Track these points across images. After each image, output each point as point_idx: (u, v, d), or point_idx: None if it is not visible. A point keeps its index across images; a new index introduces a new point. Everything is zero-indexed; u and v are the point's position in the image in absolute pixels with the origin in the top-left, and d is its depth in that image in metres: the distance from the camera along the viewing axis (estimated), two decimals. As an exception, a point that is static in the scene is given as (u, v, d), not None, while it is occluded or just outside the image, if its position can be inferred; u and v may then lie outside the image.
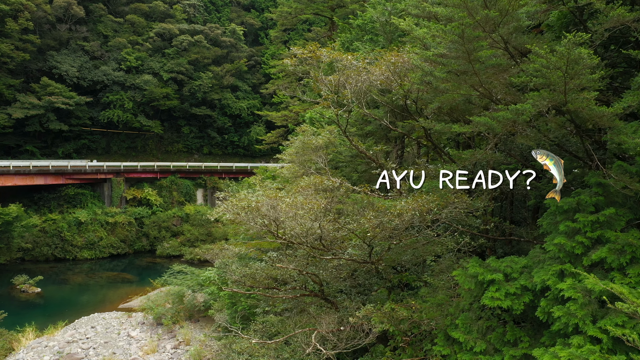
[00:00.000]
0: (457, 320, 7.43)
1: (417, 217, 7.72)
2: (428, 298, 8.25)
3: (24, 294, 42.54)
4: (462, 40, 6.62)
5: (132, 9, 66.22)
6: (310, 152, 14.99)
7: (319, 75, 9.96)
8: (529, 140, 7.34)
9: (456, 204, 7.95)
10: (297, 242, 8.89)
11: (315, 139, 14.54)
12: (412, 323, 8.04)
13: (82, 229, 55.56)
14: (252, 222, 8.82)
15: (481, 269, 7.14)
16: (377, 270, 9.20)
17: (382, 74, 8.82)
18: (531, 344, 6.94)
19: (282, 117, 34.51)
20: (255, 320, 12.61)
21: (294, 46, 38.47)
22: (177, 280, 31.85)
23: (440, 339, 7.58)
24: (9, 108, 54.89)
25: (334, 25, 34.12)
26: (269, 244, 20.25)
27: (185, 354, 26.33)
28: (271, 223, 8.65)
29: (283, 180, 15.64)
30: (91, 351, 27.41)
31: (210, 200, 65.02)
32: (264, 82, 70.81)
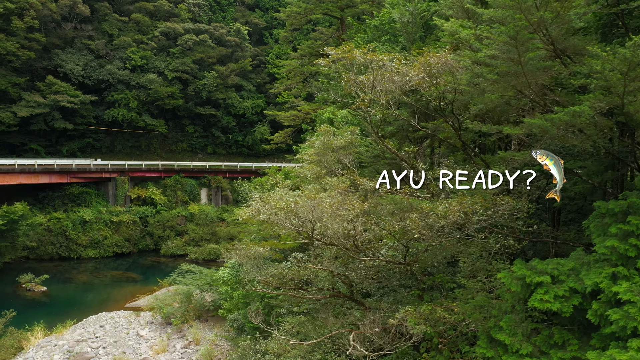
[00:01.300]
0: (501, 322, 7.40)
1: (461, 219, 7.70)
2: (469, 300, 8.23)
3: (29, 292, 42.50)
4: (514, 41, 6.60)
5: (137, 8, 66.16)
6: (331, 153, 14.96)
7: (349, 75, 9.92)
8: (575, 141, 7.32)
9: (501, 205, 7.92)
10: (330, 242, 8.85)
11: (336, 139, 14.51)
12: (449, 325, 8.02)
13: (87, 227, 55.50)
14: (287, 222, 8.80)
15: (528, 271, 7.11)
16: (411, 271, 9.17)
17: (418, 75, 8.79)
18: (580, 347, 6.92)
19: (290, 117, 34.49)
20: (278, 321, 12.58)
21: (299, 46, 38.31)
22: (186, 280, 31.80)
23: (483, 341, 7.55)
24: (14, 106, 54.83)
25: (344, 25, 34.09)
26: (283, 245, 20.24)
27: (196, 354, 26.30)
28: (305, 223, 8.62)
29: (303, 180, 15.60)
30: (101, 350, 27.38)
31: (214, 199, 65.00)
32: (268, 82, 70.77)
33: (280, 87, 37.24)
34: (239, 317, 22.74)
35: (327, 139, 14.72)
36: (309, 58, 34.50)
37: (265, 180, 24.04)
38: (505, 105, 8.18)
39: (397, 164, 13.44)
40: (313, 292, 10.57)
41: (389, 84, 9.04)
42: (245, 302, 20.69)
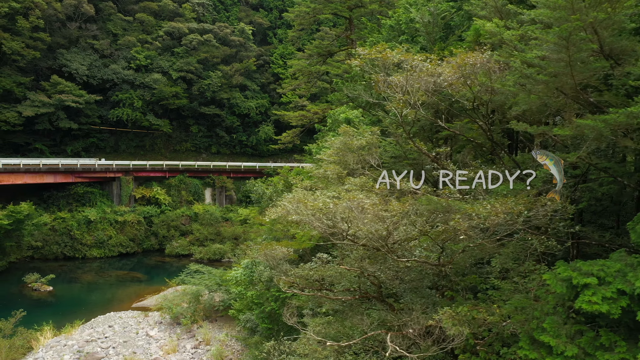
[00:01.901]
0: (544, 323, 7.36)
1: (504, 220, 7.66)
2: (507, 301, 8.19)
3: (35, 292, 42.46)
4: (565, 42, 6.57)
5: (141, 8, 66.11)
6: (351, 153, 14.93)
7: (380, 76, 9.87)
8: (628, 142, 7.28)
9: (542, 206, 7.89)
10: (362, 243, 8.81)
11: (357, 139, 14.48)
12: (486, 326, 7.97)
13: (92, 227, 55.48)
14: (319, 222, 8.76)
15: (574, 272, 7.07)
16: (445, 273, 9.14)
17: (453, 75, 8.75)
18: (628, 349, 6.89)
19: (298, 117, 34.43)
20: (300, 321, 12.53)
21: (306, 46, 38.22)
22: (195, 280, 31.75)
23: (525, 343, 7.51)
24: (19, 106, 54.79)
25: (352, 25, 34.06)
26: (298, 245, 20.21)
27: (207, 354, 26.27)
28: (337, 224, 8.56)
29: (322, 180, 15.55)
30: (111, 350, 27.33)
31: (218, 199, 64.98)
32: (272, 82, 70.74)
33: (288, 87, 37.18)
34: (252, 317, 22.70)
35: (347, 139, 14.68)
36: (317, 58, 34.49)
37: (278, 180, 23.98)
38: (543, 106, 8.15)
39: (419, 165, 13.42)
40: (339, 292, 10.53)
41: (422, 84, 8.99)
42: (259, 302, 20.65)
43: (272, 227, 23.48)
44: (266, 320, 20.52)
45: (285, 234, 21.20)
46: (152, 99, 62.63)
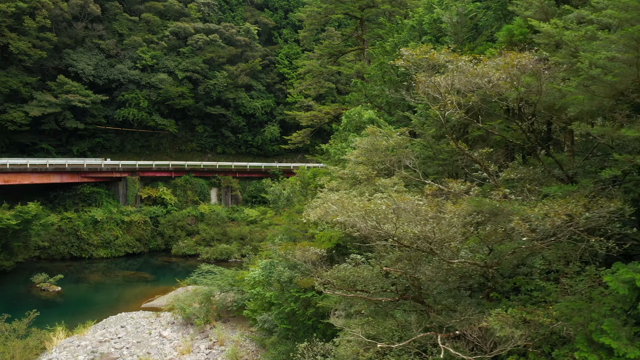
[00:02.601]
0: (603, 325, 7.33)
1: (563, 221, 7.61)
2: (563, 302, 8.15)
3: (44, 292, 42.42)
4: (636, 43, 6.53)
5: (147, 7, 66.04)
6: (379, 153, 14.89)
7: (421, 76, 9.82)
8: None
9: (601, 208, 7.84)
10: (407, 244, 8.77)
11: (385, 140, 14.45)
12: (535, 328, 7.93)
13: (98, 227, 55.45)
14: (363, 223, 8.73)
15: (637, 274, 7.04)
16: (492, 274, 9.10)
17: (501, 76, 8.70)
18: (693, 351, 6.88)
19: (310, 117, 34.37)
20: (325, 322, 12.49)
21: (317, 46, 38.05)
22: (207, 280, 31.69)
23: (582, 345, 7.47)
24: (26, 106, 54.73)
25: (363, 25, 34.02)
26: (318, 245, 20.17)
27: (221, 354, 26.19)
28: (381, 226, 8.53)
29: (347, 180, 15.51)
30: (125, 351, 27.27)
31: (224, 199, 64.93)
32: (278, 82, 70.69)
33: (299, 87, 37.15)
34: (270, 317, 22.65)
35: (374, 140, 14.65)
36: (327, 58, 34.44)
37: (295, 181, 23.94)
38: (598, 107, 8.11)
39: (450, 165, 13.38)
40: (376, 294, 10.48)
41: (470, 85, 8.95)
42: (278, 303, 20.60)
43: (289, 227, 23.46)
44: (285, 320, 20.48)
45: (303, 234, 21.16)
46: (158, 99, 62.58)
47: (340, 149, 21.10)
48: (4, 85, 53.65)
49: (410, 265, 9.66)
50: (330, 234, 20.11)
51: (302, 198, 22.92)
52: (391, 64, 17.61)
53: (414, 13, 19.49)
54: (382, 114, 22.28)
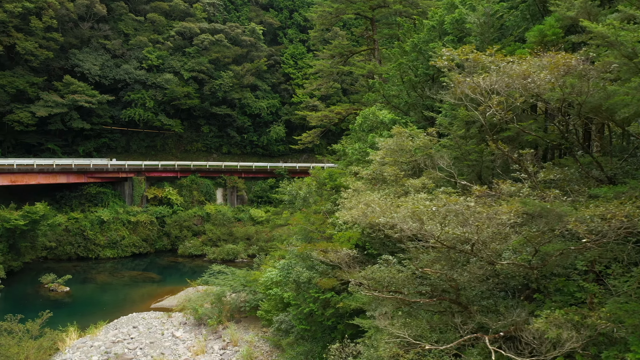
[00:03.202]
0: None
1: (623, 223, 7.58)
2: (615, 304, 8.13)
3: (52, 292, 42.40)
4: None
5: (152, 8, 66.01)
6: (401, 154, 14.87)
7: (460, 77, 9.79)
8: None
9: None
10: (449, 245, 8.76)
11: (413, 140, 14.43)
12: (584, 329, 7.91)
13: (105, 227, 55.42)
14: (406, 225, 8.71)
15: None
16: (536, 276, 9.08)
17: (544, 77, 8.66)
18: None
19: (321, 117, 34.35)
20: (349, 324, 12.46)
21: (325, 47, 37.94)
22: (219, 281, 31.68)
23: (637, 346, 7.46)
24: (33, 106, 54.68)
25: (374, 25, 33.99)
26: (336, 246, 20.14)
27: (235, 355, 26.17)
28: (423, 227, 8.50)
29: (370, 181, 15.49)
30: (138, 351, 27.26)
31: (230, 199, 64.89)
32: (283, 82, 70.65)
33: (309, 87, 37.11)
34: (286, 318, 22.63)
35: (400, 141, 14.64)
36: (338, 58, 34.43)
37: (311, 181, 23.91)
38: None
39: (478, 165, 13.37)
40: (411, 295, 10.47)
41: (509, 86, 8.93)
42: (296, 303, 20.58)
43: (304, 227, 23.43)
44: (303, 321, 20.46)
45: (321, 235, 21.13)
46: (164, 99, 62.55)
47: (357, 149, 21.07)
48: (11, 86, 53.62)
49: (448, 267, 9.64)
50: (349, 235, 20.10)
51: (318, 198, 22.89)
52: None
53: (433, 13, 19.46)
54: (398, 113, 22.27)
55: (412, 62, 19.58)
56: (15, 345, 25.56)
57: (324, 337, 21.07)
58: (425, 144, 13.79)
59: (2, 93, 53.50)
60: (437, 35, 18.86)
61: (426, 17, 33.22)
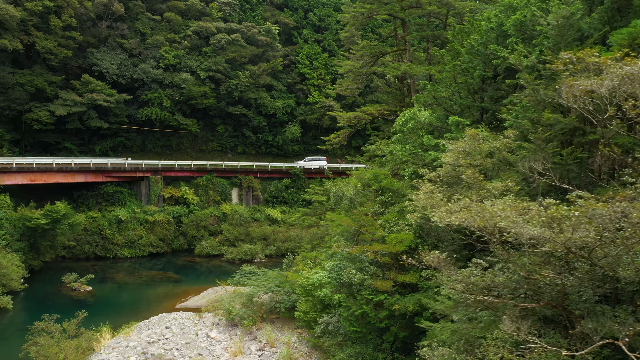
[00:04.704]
0: None
1: None
2: None
3: (75, 292, 42.32)
4: None
5: (168, 7, 65.93)
6: (473, 157, 14.80)
7: (571, 81, 9.71)
8: None
9: None
10: (575, 251, 8.67)
11: (489, 143, 14.38)
12: None
13: (122, 227, 55.37)
14: (525, 228, 8.66)
15: None
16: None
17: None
18: None
19: (353, 117, 34.28)
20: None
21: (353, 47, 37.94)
22: (252, 281, 31.60)
23: None
24: (51, 105, 54.59)
25: (405, 26, 33.93)
26: (391, 248, 20.08)
27: (274, 356, 26.07)
28: (553, 232, 8.41)
29: (442, 183, 15.42)
30: (175, 352, 27.15)
31: (245, 199, 64.82)
32: (298, 82, 70.58)
33: (339, 88, 37.07)
34: (332, 319, 22.56)
35: (475, 143, 14.57)
36: (369, 58, 34.38)
37: (356, 182, 23.83)
38: None
39: (560, 169, 13.29)
40: (507, 299, 10.42)
41: (631, 89, 8.86)
42: (347, 305, 20.51)
43: (347, 228, 23.35)
44: (354, 323, 20.39)
45: (372, 236, 21.06)
46: (180, 99, 62.46)
47: (408, 150, 20.99)
48: (30, 84, 53.54)
49: (555, 271, 9.59)
50: (402, 237, 20.04)
51: (365, 200, 22.82)
52: (464, 66, 17.60)
53: (488, 15, 19.40)
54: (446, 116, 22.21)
55: (467, 63, 19.52)
56: (54, 345, 25.50)
57: (373, 339, 21.02)
58: (505, 145, 13.73)
59: (21, 92, 53.40)
60: (494, 37, 18.79)
61: (462, 19, 33.30)
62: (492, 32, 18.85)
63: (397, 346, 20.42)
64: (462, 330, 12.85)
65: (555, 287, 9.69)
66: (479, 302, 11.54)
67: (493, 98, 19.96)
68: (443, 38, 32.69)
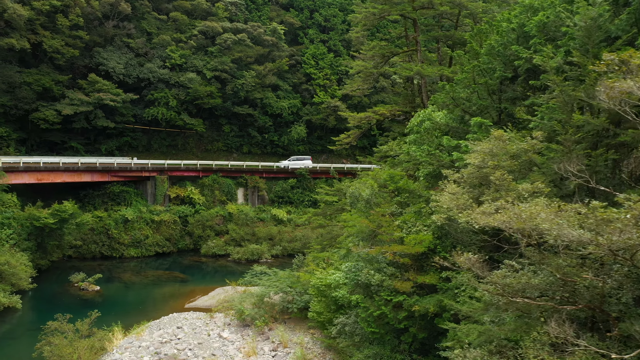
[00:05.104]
0: None
1: None
2: None
3: (83, 291, 42.30)
4: None
5: (174, 7, 65.89)
6: (499, 158, 14.79)
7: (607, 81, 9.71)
8: None
9: None
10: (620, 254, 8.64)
11: (516, 144, 14.36)
12: None
13: (129, 226, 55.34)
14: (567, 230, 8.64)
15: None
16: None
17: None
18: None
19: (364, 118, 34.26)
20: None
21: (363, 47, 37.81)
22: (264, 281, 31.57)
23: None
24: (58, 104, 54.52)
25: (417, 27, 33.90)
26: (408, 249, 20.05)
27: (288, 357, 26.04)
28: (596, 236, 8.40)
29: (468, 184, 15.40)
30: (188, 352, 27.12)
31: (250, 199, 64.78)
32: (304, 82, 70.53)
33: (349, 88, 37.07)
34: (348, 320, 22.53)
35: (502, 144, 14.56)
36: (379, 59, 34.35)
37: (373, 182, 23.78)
38: None
39: (592, 169, 13.28)
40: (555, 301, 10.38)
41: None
42: (365, 305, 20.48)
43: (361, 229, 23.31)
44: (372, 324, 20.37)
45: (390, 237, 21.03)
46: (186, 98, 62.42)
47: (426, 151, 20.96)
48: (37, 84, 53.49)
49: (593, 273, 9.58)
50: (421, 237, 20.02)
51: (381, 200, 22.80)
52: (483, 67, 17.55)
53: (507, 15, 19.38)
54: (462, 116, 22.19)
55: (486, 64, 19.50)
56: (68, 345, 25.48)
57: (391, 340, 20.99)
58: (531, 147, 13.71)
59: (28, 91, 53.36)
60: (515, 38, 18.76)
61: (475, 19, 33.29)
62: (513, 33, 18.81)
63: (415, 347, 20.39)
64: (492, 332, 12.81)
65: (593, 289, 9.68)
66: (510, 304, 11.53)
67: (511, 99, 19.95)
68: (455, 39, 32.69)
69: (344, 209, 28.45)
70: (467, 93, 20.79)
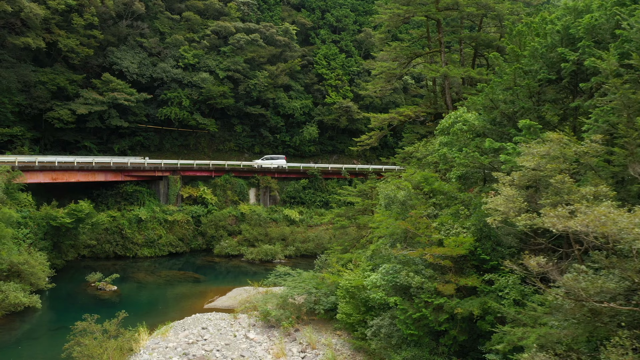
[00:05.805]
0: None
1: None
2: None
3: (100, 291, 42.22)
4: None
5: (187, 6, 65.84)
6: (556, 161, 14.73)
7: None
8: None
9: None
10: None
11: (575, 147, 14.32)
12: None
13: (142, 226, 55.27)
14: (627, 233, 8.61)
15: None
16: None
17: None
18: None
19: (388, 118, 34.18)
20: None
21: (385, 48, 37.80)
22: (289, 282, 31.50)
23: None
24: (72, 104, 54.47)
25: (440, 28, 33.86)
26: (449, 251, 19.99)
27: (317, 358, 25.95)
28: None
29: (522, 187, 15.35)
30: (217, 353, 27.03)
31: (262, 199, 64.71)
32: (316, 82, 70.48)
33: (372, 88, 36.97)
34: (384, 322, 22.46)
35: (558, 147, 14.52)
36: (403, 60, 34.30)
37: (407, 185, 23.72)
38: None
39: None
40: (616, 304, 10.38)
41: None
42: (403, 308, 20.41)
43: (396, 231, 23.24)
44: (411, 326, 20.30)
45: (428, 239, 20.97)
46: (199, 98, 62.36)
47: (464, 153, 20.89)
48: (52, 83, 53.44)
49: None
50: (461, 240, 19.97)
51: (417, 202, 22.74)
52: (526, 69, 17.49)
53: (549, 17, 19.33)
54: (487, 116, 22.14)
55: (529, 66, 19.44)
56: (98, 345, 25.39)
57: (429, 343, 20.93)
58: (592, 150, 13.67)
59: (43, 90, 53.30)
60: (559, 39, 18.70)
61: (501, 21, 33.25)
62: (557, 35, 18.74)
63: (455, 349, 20.33)
64: (552, 336, 12.76)
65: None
66: (578, 307, 11.48)
67: (551, 101, 19.90)
68: (479, 40, 32.64)
69: (370, 210, 28.36)
70: (506, 95, 20.73)
